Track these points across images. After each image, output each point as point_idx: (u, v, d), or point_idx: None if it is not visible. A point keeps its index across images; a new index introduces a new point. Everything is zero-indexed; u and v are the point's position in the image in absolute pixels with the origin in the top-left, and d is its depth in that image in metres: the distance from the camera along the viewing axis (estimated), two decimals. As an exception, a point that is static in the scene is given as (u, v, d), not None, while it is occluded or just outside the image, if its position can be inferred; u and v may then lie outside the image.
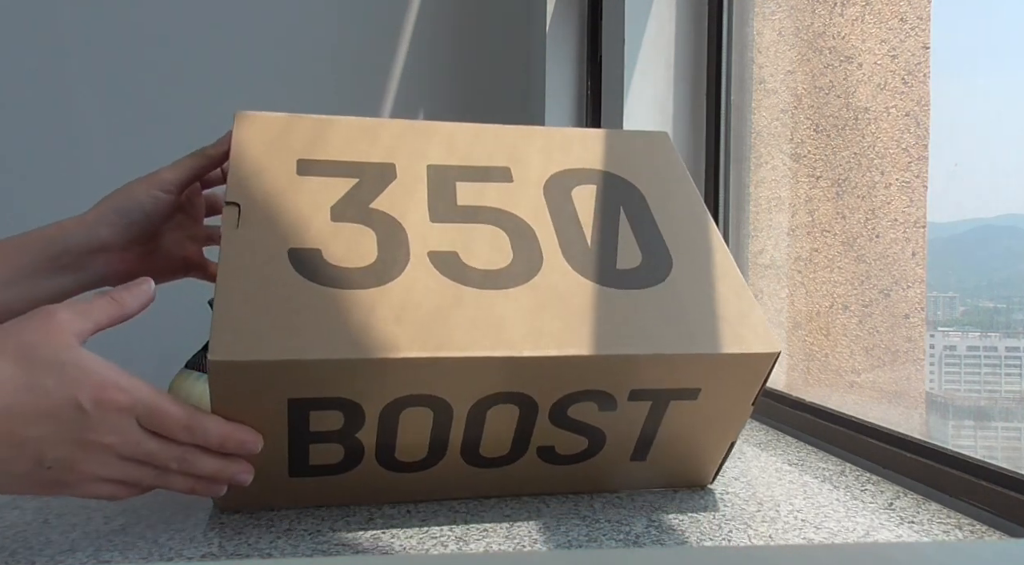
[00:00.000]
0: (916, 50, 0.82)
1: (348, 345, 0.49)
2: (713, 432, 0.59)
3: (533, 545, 0.50)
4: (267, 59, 1.78)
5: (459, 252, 0.55)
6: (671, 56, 1.15)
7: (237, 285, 0.50)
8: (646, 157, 0.67)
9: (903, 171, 0.82)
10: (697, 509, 0.58)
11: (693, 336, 0.54)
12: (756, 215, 1.08)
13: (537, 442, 0.56)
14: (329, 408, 0.50)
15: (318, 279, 0.52)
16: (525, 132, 0.66)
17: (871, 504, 0.60)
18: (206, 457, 0.49)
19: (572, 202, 0.61)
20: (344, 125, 0.63)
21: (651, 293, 0.57)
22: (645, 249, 0.59)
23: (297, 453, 0.53)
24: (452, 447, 0.55)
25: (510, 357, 0.50)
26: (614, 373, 0.53)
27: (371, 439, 0.53)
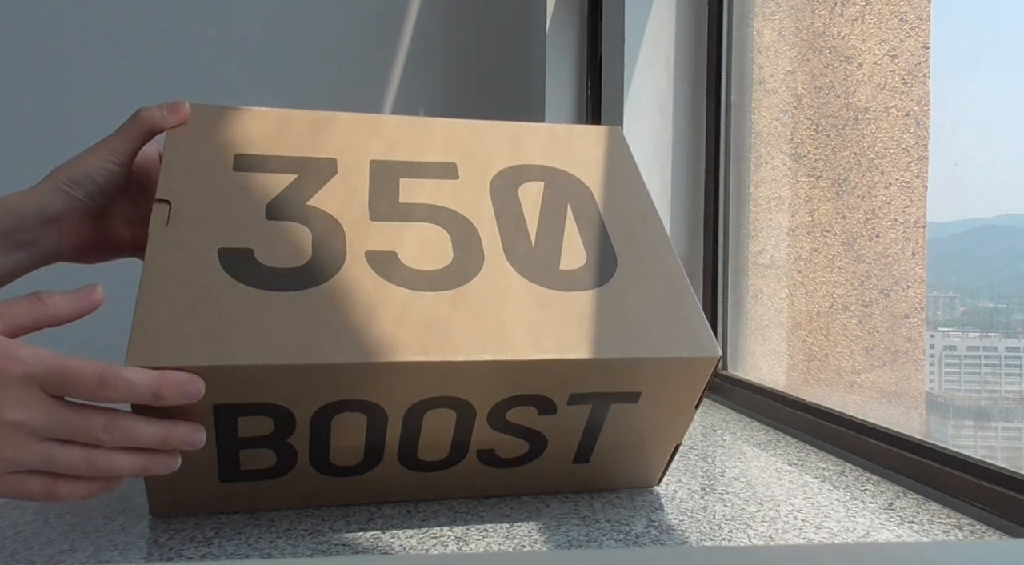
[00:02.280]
0: (916, 50, 0.82)
1: (275, 350, 0.47)
2: (656, 435, 0.58)
3: (533, 545, 0.50)
4: (267, 59, 1.78)
5: (397, 252, 0.54)
6: (671, 56, 1.15)
7: (162, 286, 0.48)
8: (598, 153, 0.66)
9: (903, 171, 0.82)
10: (697, 509, 0.58)
11: (634, 340, 0.53)
12: (756, 215, 1.08)
13: (476, 446, 0.55)
14: (257, 414, 0.49)
15: (248, 280, 0.50)
16: (476, 126, 0.66)
17: (871, 504, 0.60)
18: (141, 421, 0.44)
19: (518, 200, 0.60)
20: (287, 118, 0.60)
21: (593, 295, 0.56)
22: (590, 249, 0.58)
23: (226, 458, 0.51)
24: (388, 451, 0.53)
25: (445, 361, 0.49)
26: (552, 377, 0.52)
27: (304, 444, 0.51)
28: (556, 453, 0.57)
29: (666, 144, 1.15)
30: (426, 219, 0.56)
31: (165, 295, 0.48)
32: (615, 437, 0.57)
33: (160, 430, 0.45)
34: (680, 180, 1.15)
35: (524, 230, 0.58)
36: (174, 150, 0.56)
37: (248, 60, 1.78)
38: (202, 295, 0.48)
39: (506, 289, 0.54)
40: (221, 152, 0.56)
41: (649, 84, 1.14)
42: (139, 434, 0.44)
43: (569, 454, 0.58)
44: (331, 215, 0.55)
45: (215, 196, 0.54)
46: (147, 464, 0.45)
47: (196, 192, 0.53)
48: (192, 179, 0.54)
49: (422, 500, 0.58)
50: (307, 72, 1.80)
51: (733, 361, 1.10)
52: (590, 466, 0.59)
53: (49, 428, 0.42)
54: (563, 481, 0.60)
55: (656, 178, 1.15)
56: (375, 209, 0.56)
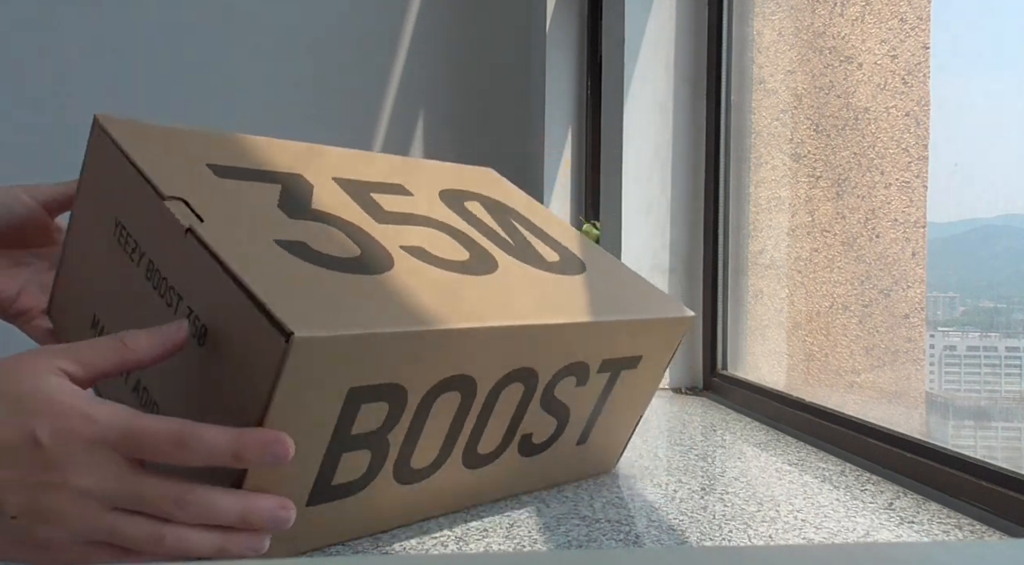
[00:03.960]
0: (916, 50, 0.82)
1: (409, 319, 0.44)
2: (638, 404, 0.65)
3: (533, 545, 0.50)
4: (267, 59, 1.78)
5: (424, 247, 0.54)
6: (671, 56, 1.15)
7: (259, 269, 0.42)
8: (493, 182, 0.72)
9: (903, 171, 0.82)
10: (697, 509, 0.58)
11: (637, 307, 0.60)
12: (756, 215, 1.08)
13: (523, 429, 0.56)
14: (379, 399, 0.45)
15: (328, 266, 0.46)
16: (394, 158, 0.67)
17: (871, 504, 0.60)
18: (217, 493, 0.39)
19: (473, 213, 0.63)
20: (227, 138, 0.57)
21: (584, 279, 0.61)
22: (555, 248, 0.63)
23: (328, 467, 0.45)
24: (460, 441, 0.53)
25: (530, 325, 0.51)
26: (597, 341, 0.56)
27: (399, 436, 0.48)
28: (570, 433, 0.60)
29: (666, 144, 1.15)
30: (421, 224, 0.57)
31: (269, 277, 0.42)
32: (613, 408, 0.62)
33: (240, 504, 0.39)
34: (680, 180, 1.15)
35: (499, 234, 0.61)
36: (144, 157, 0.49)
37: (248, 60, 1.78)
38: (300, 277, 0.44)
39: (526, 274, 0.57)
40: (190, 161, 0.51)
41: (649, 84, 1.14)
42: (215, 508, 0.39)
43: (575, 434, 0.60)
44: (343, 218, 0.53)
45: (225, 198, 0.49)
46: (225, 545, 0.40)
47: (205, 193, 0.48)
48: (187, 182, 0.49)
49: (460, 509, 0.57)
50: (307, 72, 1.80)
51: (733, 361, 1.10)
52: (586, 446, 0.62)
53: (117, 496, 0.38)
54: (565, 468, 0.62)
55: (656, 178, 1.15)
56: (374, 215, 0.55)
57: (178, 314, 0.44)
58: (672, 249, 1.15)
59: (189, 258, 0.44)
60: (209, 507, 0.39)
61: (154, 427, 0.38)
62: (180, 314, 0.44)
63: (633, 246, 1.14)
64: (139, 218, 0.48)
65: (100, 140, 0.51)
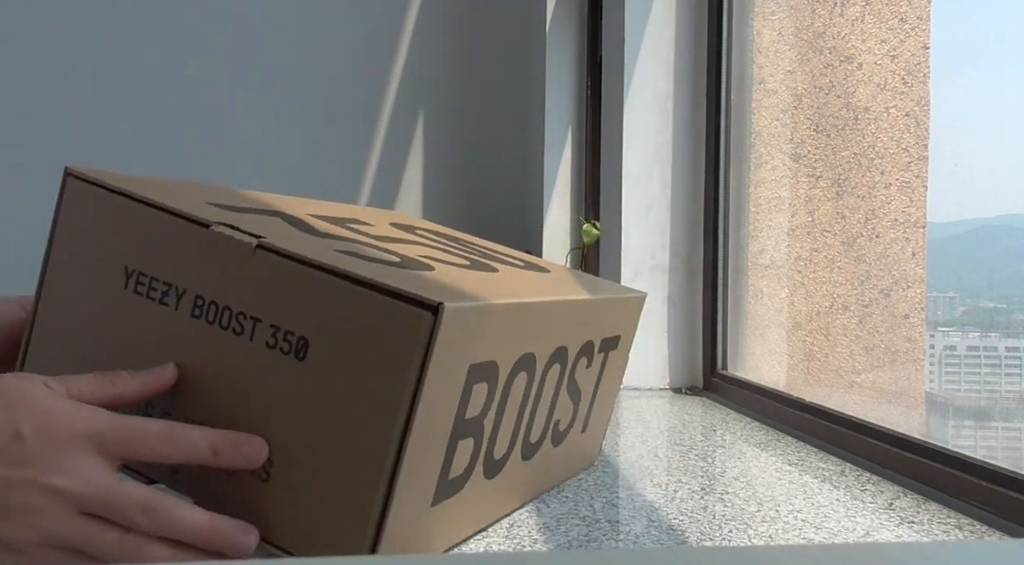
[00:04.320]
0: (916, 50, 0.82)
1: (498, 295, 0.45)
2: (615, 389, 0.68)
3: (533, 545, 0.50)
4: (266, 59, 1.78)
5: (433, 256, 0.53)
6: (671, 56, 1.15)
7: (353, 265, 0.41)
8: (420, 221, 0.74)
9: (903, 171, 0.82)
10: (697, 509, 0.58)
11: (609, 290, 0.66)
12: (756, 215, 1.08)
13: (555, 415, 0.57)
14: (482, 379, 0.44)
15: (388, 265, 0.45)
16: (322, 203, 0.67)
17: (871, 504, 0.60)
18: (185, 509, 0.39)
19: (429, 236, 0.64)
20: (197, 185, 0.55)
21: (555, 275, 0.64)
22: (513, 258, 0.66)
23: (447, 461, 0.44)
24: (521, 429, 0.52)
25: (572, 300, 0.55)
26: (598, 318, 0.59)
27: (490, 423, 0.47)
28: (578, 420, 0.61)
29: (666, 144, 1.15)
30: (411, 243, 0.57)
31: (372, 270, 0.41)
32: (602, 393, 0.65)
33: (206, 523, 0.39)
34: (680, 180, 1.15)
35: (466, 249, 0.62)
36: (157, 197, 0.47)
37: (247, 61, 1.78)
38: (386, 271, 0.42)
39: (520, 272, 0.59)
40: (194, 200, 0.49)
41: (649, 84, 1.14)
42: (179, 523, 0.39)
43: (582, 421, 0.62)
44: (352, 238, 0.51)
45: (253, 225, 0.46)
46: (177, 559, 0.40)
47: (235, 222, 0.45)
48: (212, 214, 0.46)
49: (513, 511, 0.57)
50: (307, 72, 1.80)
51: (733, 361, 1.10)
52: (585, 435, 0.64)
53: (88, 499, 0.38)
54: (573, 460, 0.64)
55: (656, 178, 1.15)
56: (372, 238, 0.54)
57: (256, 339, 0.42)
58: (672, 249, 1.15)
59: (263, 276, 0.42)
60: (174, 519, 0.39)
61: (141, 423, 0.40)
62: (258, 339, 0.42)
63: (633, 246, 1.14)
64: (167, 257, 0.45)
65: (82, 191, 0.48)
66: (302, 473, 0.41)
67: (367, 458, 0.39)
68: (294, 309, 0.41)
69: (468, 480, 0.47)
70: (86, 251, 0.48)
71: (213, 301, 0.43)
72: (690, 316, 1.14)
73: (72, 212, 0.48)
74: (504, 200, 1.83)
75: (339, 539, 0.40)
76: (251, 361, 0.42)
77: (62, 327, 0.48)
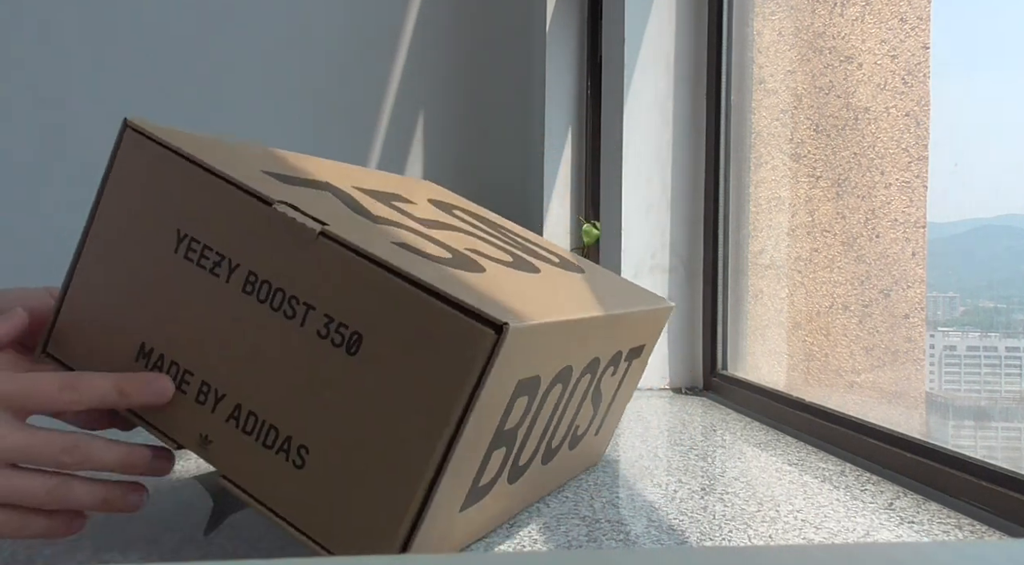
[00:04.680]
0: (916, 50, 0.82)
1: (553, 310, 0.45)
2: (630, 393, 0.68)
3: (533, 545, 0.50)
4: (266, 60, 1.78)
5: (478, 250, 0.53)
6: (671, 56, 1.15)
7: (416, 267, 0.41)
8: (451, 195, 0.74)
9: (903, 171, 0.82)
10: (697, 509, 0.58)
11: (640, 300, 0.64)
12: (756, 215, 1.08)
13: (577, 421, 0.57)
14: (524, 392, 0.44)
15: (450, 265, 0.45)
16: (361, 169, 0.66)
17: (871, 504, 0.60)
18: (102, 442, 0.43)
19: (469, 218, 0.64)
20: (251, 145, 0.55)
21: (588, 277, 0.63)
22: (547, 251, 0.66)
23: (480, 469, 0.44)
24: (546, 436, 0.52)
25: (613, 315, 0.54)
26: (630, 329, 0.59)
27: (524, 432, 0.47)
28: (595, 423, 0.62)
29: (666, 144, 1.15)
30: (454, 230, 0.57)
31: (433, 276, 0.40)
32: (620, 397, 0.65)
33: (123, 451, 0.43)
34: (680, 180, 1.15)
35: (504, 239, 0.62)
36: (217, 163, 0.45)
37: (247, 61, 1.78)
38: (443, 276, 0.42)
39: (558, 273, 0.59)
40: (252, 169, 0.48)
41: (649, 84, 1.14)
42: (100, 454, 0.42)
43: (597, 424, 0.63)
44: (405, 223, 0.51)
45: (311, 203, 0.45)
46: (107, 497, 0.43)
47: (294, 199, 0.44)
48: (271, 188, 0.45)
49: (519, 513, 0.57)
50: (306, 72, 1.80)
51: (733, 361, 1.10)
52: (597, 438, 0.64)
53: (7, 451, 0.41)
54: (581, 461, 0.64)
55: (656, 178, 1.15)
56: (420, 222, 0.54)
57: (307, 326, 0.41)
58: (672, 249, 1.15)
59: (322, 264, 0.41)
60: (95, 453, 0.42)
61: (38, 376, 0.42)
62: (310, 326, 0.41)
63: (633, 246, 1.14)
64: (224, 227, 0.44)
65: (141, 147, 0.47)
66: (339, 466, 0.40)
67: (411, 461, 0.39)
68: (351, 302, 0.40)
69: (494, 486, 0.47)
70: (138, 208, 0.47)
71: (267, 280, 0.43)
72: (690, 316, 1.14)
73: (127, 166, 0.47)
74: (504, 200, 1.83)
75: (369, 536, 0.39)
76: (299, 346, 0.41)
77: (102, 282, 0.47)
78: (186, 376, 0.44)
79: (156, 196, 0.46)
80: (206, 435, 0.43)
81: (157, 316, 0.45)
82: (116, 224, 0.47)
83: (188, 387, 0.44)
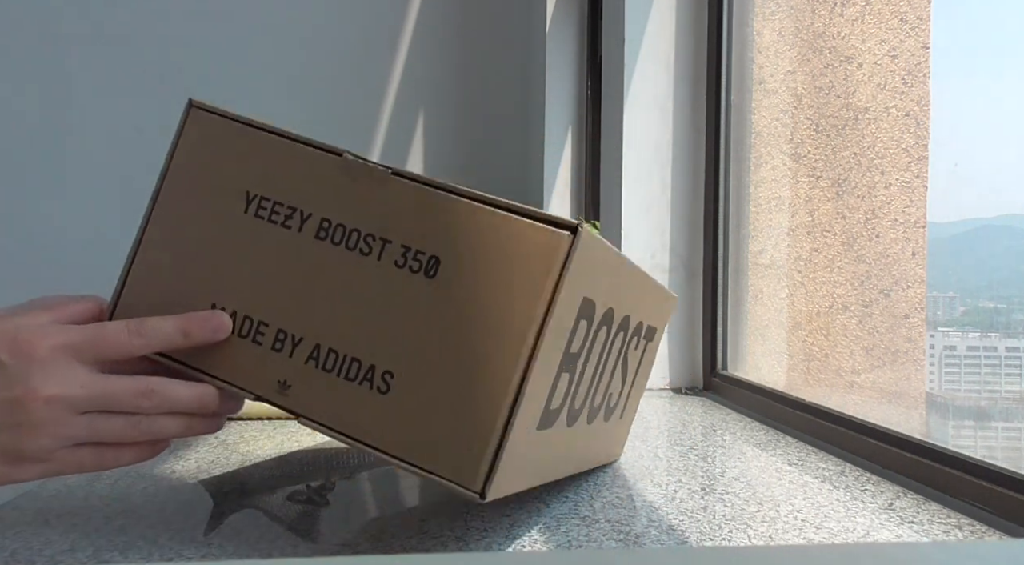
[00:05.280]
0: (916, 50, 0.82)
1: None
2: (643, 386, 0.69)
3: (533, 545, 0.50)
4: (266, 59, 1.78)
5: None
6: (671, 56, 1.15)
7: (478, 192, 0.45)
8: None
9: (903, 171, 0.82)
10: (697, 509, 0.58)
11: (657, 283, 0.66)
12: (756, 215, 1.08)
13: (611, 387, 0.58)
14: (584, 316, 0.47)
15: None
16: None
17: (871, 504, 0.60)
18: (177, 384, 0.45)
19: None
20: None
21: None
22: None
23: (552, 388, 0.46)
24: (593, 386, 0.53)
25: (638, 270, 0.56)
26: (654, 301, 0.62)
27: (582, 366, 0.49)
28: (620, 402, 0.62)
29: (666, 144, 1.15)
30: None
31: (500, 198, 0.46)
32: (636, 384, 0.66)
33: (196, 391, 0.45)
34: (680, 180, 1.15)
35: None
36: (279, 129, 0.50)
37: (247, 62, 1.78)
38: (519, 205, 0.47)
39: None
40: None
41: (649, 84, 1.14)
42: (177, 395, 0.45)
43: (621, 406, 0.63)
44: None
45: None
46: (191, 425, 0.46)
47: None
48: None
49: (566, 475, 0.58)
50: (306, 72, 1.80)
51: (733, 361, 1.10)
52: (620, 423, 0.65)
53: (86, 399, 0.43)
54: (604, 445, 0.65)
55: (656, 178, 1.15)
56: None
57: (384, 259, 0.44)
58: (672, 249, 1.15)
59: (396, 201, 0.45)
60: (172, 394, 0.45)
61: (104, 325, 0.44)
62: (387, 259, 0.44)
63: (633, 246, 1.14)
64: (294, 182, 0.48)
65: (205, 121, 0.51)
66: (425, 386, 0.42)
67: (495, 373, 0.41)
68: (427, 231, 0.44)
69: (559, 418, 0.48)
70: (205, 179, 0.50)
71: (341, 224, 0.46)
72: (690, 316, 1.14)
73: (192, 141, 0.51)
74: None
75: (461, 451, 0.41)
76: (378, 279, 0.44)
77: (169, 256, 0.50)
78: (260, 328, 0.46)
79: (222, 164, 0.50)
80: (284, 380, 0.46)
81: (228, 277, 0.48)
82: (183, 198, 0.50)
83: (263, 337, 0.46)
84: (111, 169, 1.67)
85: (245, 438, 0.78)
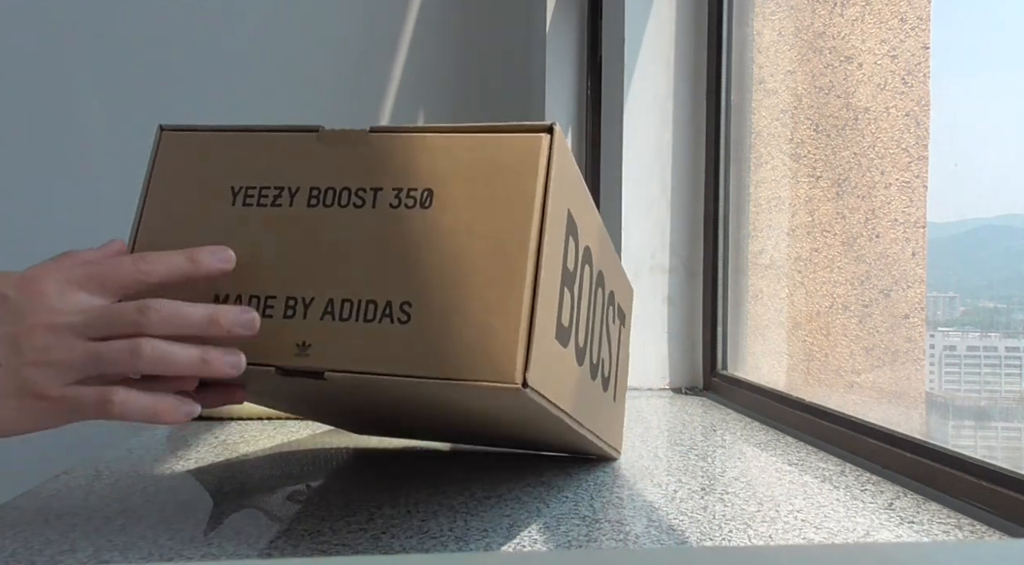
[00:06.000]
0: (916, 50, 0.82)
1: None
2: (625, 380, 0.69)
3: (533, 545, 0.50)
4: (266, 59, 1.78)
5: None
6: (671, 56, 1.15)
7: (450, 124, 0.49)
8: None
9: (903, 171, 0.82)
10: (697, 509, 0.58)
11: None
12: (756, 215, 1.08)
13: (602, 351, 0.58)
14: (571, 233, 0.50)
15: None
16: None
17: (871, 504, 0.60)
18: (181, 303, 0.43)
19: None
20: None
21: None
22: None
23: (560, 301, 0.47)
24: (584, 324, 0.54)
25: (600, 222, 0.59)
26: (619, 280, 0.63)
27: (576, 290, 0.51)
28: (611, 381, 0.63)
29: (666, 144, 1.15)
30: None
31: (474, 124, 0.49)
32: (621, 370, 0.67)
33: (206, 309, 0.43)
34: (680, 180, 1.15)
35: None
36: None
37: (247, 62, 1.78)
38: None
39: None
40: None
41: (649, 84, 1.14)
42: (182, 312, 0.43)
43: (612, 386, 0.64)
44: None
45: None
46: (205, 356, 0.43)
47: None
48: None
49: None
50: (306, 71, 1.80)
51: (733, 361, 1.10)
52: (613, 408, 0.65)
53: (86, 324, 0.43)
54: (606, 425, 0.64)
55: (656, 178, 1.15)
56: None
57: (379, 205, 0.46)
58: (672, 249, 1.15)
59: (380, 153, 0.47)
60: (176, 311, 0.43)
61: (112, 258, 0.45)
62: (381, 204, 0.46)
63: (633, 246, 1.14)
64: (276, 166, 0.50)
65: (177, 141, 0.54)
66: (445, 303, 0.44)
67: (510, 270, 0.43)
68: (414, 170, 0.46)
69: (568, 341, 0.49)
70: (185, 189, 0.52)
71: (330, 187, 0.48)
72: (690, 316, 1.14)
73: (168, 160, 0.53)
74: (504, 200, 1.83)
75: (495, 351, 0.42)
76: (378, 224, 0.46)
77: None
78: (268, 302, 0.47)
79: (202, 172, 0.52)
80: (302, 341, 0.46)
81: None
82: (167, 212, 0.52)
83: (272, 310, 0.47)
84: (111, 169, 1.67)
85: (245, 438, 0.78)
